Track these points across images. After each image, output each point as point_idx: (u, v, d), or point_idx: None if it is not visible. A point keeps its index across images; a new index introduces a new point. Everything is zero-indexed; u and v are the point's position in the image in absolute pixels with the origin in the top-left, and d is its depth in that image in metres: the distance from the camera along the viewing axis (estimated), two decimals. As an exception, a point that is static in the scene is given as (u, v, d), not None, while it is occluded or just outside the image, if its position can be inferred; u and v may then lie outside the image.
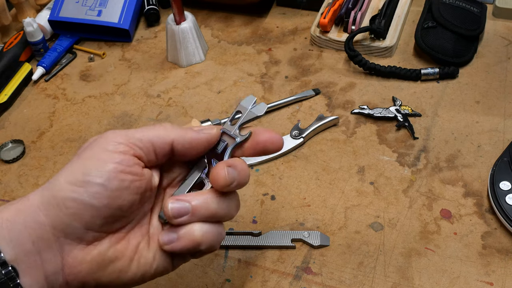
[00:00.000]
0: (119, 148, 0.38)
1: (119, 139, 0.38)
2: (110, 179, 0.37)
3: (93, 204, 0.36)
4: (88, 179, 0.36)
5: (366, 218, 0.57)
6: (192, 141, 0.41)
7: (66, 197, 0.36)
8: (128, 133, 0.39)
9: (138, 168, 0.38)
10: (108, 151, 0.38)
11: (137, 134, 0.39)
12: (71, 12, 0.83)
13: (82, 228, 0.37)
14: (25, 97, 0.77)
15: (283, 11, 0.87)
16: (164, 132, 0.40)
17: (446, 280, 0.51)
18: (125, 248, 0.39)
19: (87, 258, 0.38)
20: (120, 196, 0.37)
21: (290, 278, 0.52)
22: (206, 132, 0.41)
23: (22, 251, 0.36)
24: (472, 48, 0.74)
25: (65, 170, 0.38)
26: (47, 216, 0.36)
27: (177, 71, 0.78)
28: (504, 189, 0.56)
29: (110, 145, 0.38)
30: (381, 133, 0.66)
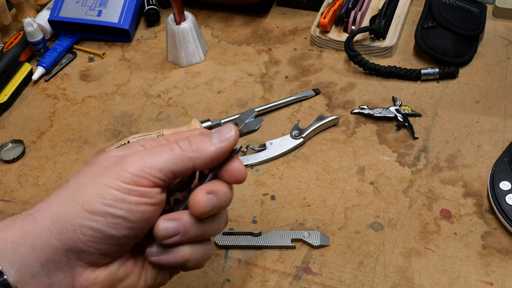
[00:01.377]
0: (138, 181, 0.36)
1: (136, 171, 0.36)
2: (132, 211, 0.36)
3: (112, 234, 0.36)
4: (109, 211, 0.35)
5: (366, 218, 0.57)
6: (213, 158, 0.38)
7: (84, 225, 0.35)
8: (147, 163, 0.37)
9: (158, 197, 0.37)
10: (128, 183, 0.36)
11: (156, 163, 0.37)
12: (71, 12, 0.83)
13: (98, 254, 0.36)
14: (25, 97, 0.77)
15: (283, 11, 0.87)
16: (184, 157, 0.37)
17: (446, 280, 0.51)
18: (133, 266, 0.39)
19: (99, 279, 0.37)
20: (140, 226, 0.37)
21: (290, 278, 0.52)
22: (227, 140, 0.39)
23: (29, 273, 0.35)
24: (472, 48, 0.74)
25: (80, 195, 0.36)
26: (60, 240, 0.35)
27: (177, 71, 0.78)
28: (504, 189, 0.56)
29: (128, 177, 0.36)
30: (381, 133, 0.66)
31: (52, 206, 0.36)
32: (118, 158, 0.37)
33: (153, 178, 0.36)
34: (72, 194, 0.36)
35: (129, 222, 0.36)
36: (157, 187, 0.37)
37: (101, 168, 0.37)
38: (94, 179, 0.37)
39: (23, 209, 0.62)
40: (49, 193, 0.63)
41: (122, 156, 0.37)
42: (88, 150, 0.68)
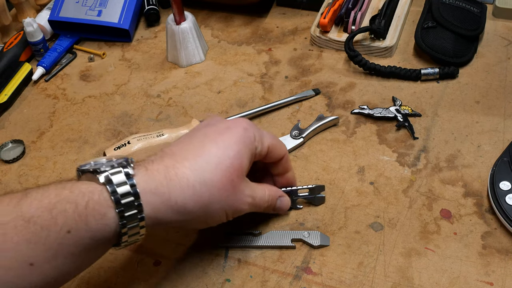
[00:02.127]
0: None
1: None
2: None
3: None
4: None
5: (366, 218, 0.57)
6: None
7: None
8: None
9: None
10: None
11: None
12: (71, 12, 0.83)
13: None
14: (25, 97, 0.77)
15: (283, 11, 0.87)
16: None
17: (446, 280, 0.51)
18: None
19: None
20: None
21: (290, 278, 0.52)
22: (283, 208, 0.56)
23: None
24: (472, 48, 0.74)
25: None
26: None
27: (177, 71, 0.78)
28: (504, 189, 0.56)
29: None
30: (381, 133, 0.66)
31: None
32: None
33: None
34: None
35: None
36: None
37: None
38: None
39: (23, 209, 0.62)
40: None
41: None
42: (88, 150, 0.68)
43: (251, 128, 0.48)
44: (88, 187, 0.40)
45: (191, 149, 0.45)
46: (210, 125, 0.49)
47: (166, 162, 0.44)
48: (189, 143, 0.46)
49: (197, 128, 0.50)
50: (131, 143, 0.62)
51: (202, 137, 0.47)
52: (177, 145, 0.47)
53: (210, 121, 0.50)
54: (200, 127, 0.49)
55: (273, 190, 0.53)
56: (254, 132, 0.48)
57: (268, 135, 0.51)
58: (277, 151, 0.52)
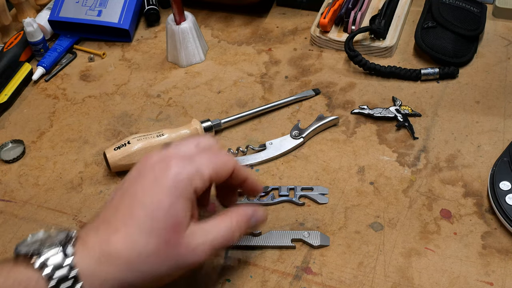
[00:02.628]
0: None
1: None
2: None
3: None
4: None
5: (366, 218, 0.57)
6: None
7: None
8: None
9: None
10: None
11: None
12: (71, 12, 0.83)
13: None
14: (25, 97, 0.77)
15: (283, 11, 0.87)
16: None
17: (446, 280, 0.51)
18: None
19: None
20: None
21: (290, 278, 0.52)
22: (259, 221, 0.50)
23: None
24: (472, 48, 0.74)
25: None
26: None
27: (177, 71, 0.78)
28: (504, 189, 0.56)
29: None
30: (381, 133, 0.66)
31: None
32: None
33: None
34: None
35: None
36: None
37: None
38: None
39: (23, 209, 0.62)
40: (49, 193, 0.63)
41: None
42: (88, 150, 0.68)
43: (183, 169, 0.43)
44: (26, 273, 0.38)
45: (120, 216, 0.42)
46: (141, 176, 0.44)
47: (100, 235, 0.41)
48: (119, 207, 0.43)
49: (128, 179, 0.45)
50: (131, 143, 0.62)
51: (131, 199, 0.43)
52: (108, 208, 0.44)
53: (142, 168, 0.45)
54: (132, 177, 0.45)
55: (240, 214, 0.48)
56: (187, 172, 0.43)
57: (206, 162, 0.45)
58: (223, 172, 0.46)
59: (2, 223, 0.60)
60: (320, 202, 0.59)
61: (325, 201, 0.59)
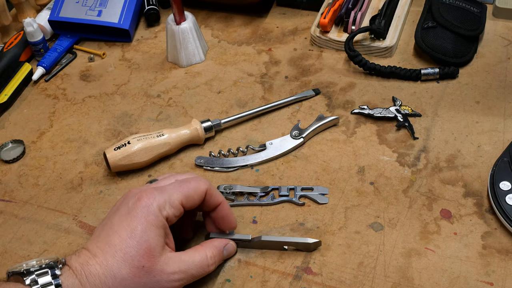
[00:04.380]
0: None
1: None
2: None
3: None
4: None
5: (366, 218, 0.57)
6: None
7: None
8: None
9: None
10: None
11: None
12: (71, 12, 0.83)
13: None
14: (25, 97, 0.77)
15: (283, 11, 0.87)
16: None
17: (446, 280, 0.51)
18: None
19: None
20: None
21: (290, 278, 0.52)
22: (227, 255, 0.54)
23: None
24: (472, 48, 0.74)
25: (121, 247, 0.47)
26: None
27: (177, 71, 0.78)
28: (504, 189, 0.56)
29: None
30: (381, 133, 0.66)
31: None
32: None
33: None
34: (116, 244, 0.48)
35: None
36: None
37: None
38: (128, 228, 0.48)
39: (23, 209, 0.62)
40: (49, 193, 0.63)
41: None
42: (88, 150, 0.68)
43: (154, 200, 0.48)
44: (16, 287, 0.43)
45: (99, 244, 0.47)
46: (118, 209, 0.49)
47: (82, 259, 0.46)
48: (99, 237, 0.48)
49: (110, 212, 0.51)
50: (131, 143, 0.62)
51: (109, 228, 0.48)
52: (91, 239, 0.48)
53: (121, 201, 0.50)
54: (112, 210, 0.50)
55: (214, 246, 0.52)
56: (157, 202, 0.48)
57: (176, 190, 0.50)
58: (195, 196, 0.50)
59: (2, 223, 0.60)
60: (320, 202, 0.59)
61: (325, 201, 0.59)
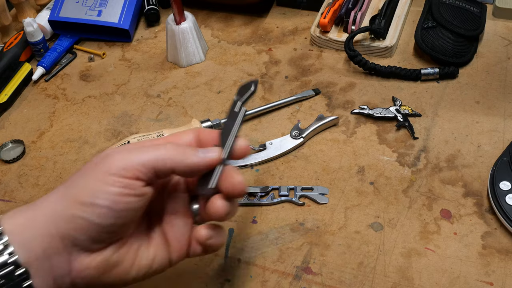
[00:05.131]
0: (123, 174, 0.40)
1: (122, 165, 0.40)
2: (116, 202, 0.39)
3: (99, 223, 0.39)
4: (96, 202, 0.39)
5: (366, 218, 0.57)
6: (193, 168, 0.42)
7: (76, 215, 0.39)
8: (132, 158, 0.41)
9: (141, 189, 0.41)
10: (113, 175, 0.40)
11: (140, 159, 0.41)
12: (71, 12, 0.83)
13: (89, 240, 0.40)
14: (25, 97, 0.77)
15: (283, 11, 0.87)
16: (167, 157, 0.41)
17: (446, 280, 0.51)
18: (126, 252, 0.43)
19: (93, 264, 0.41)
20: (125, 215, 0.40)
21: (290, 278, 0.53)
22: (209, 158, 0.42)
23: (33, 255, 0.39)
24: (472, 48, 0.74)
25: (73, 189, 0.40)
26: (57, 228, 0.39)
27: (177, 71, 0.78)
28: (504, 189, 0.56)
29: (114, 169, 0.40)
30: (381, 133, 0.66)
31: (52, 199, 0.41)
32: (108, 155, 0.41)
33: (136, 172, 0.40)
34: (68, 188, 0.41)
35: (114, 212, 0.40)
36: (140, 180, 0.40)
37: (93, 164, 0.41)
38: (85, 174, 0.41)
39: (23, 209, 0.62)
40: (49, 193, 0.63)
41: (111, 153, 0.41)
42: (88, 150, 0.68)
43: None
44: None
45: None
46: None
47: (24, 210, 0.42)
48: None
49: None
50: (131, 143, 0.62)
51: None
52: None
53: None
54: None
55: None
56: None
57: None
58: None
59: (2, 223, 0.60)
60: (320, 202, 0.59)
61: (325, 201, 0.59)
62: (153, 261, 0.44)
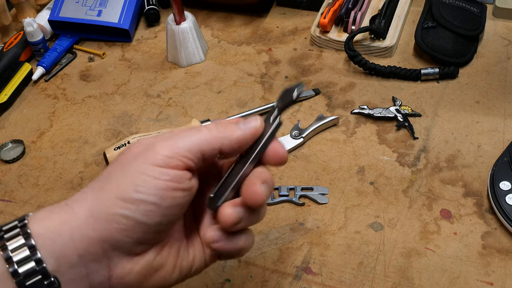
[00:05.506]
0: (170, 162, 0.36)
1: (168, 153, 0.36)
2: (163, 197, 0.36)
3: (145, 221, 0.36)
4: (141, 198, 0.35)
5: (366, 218, 0.57)
6: (240, 141, 0.39)
7: (118, 213, 0.35)
8: (177, 144, 0.37)
9: (187, 183, 0.37)
10: (159, 166, 0.36)
11: (185, 143, 0.37)
12: (71, 12, 0.83)
13: (133, 243, 0.36)
14: (25, 97, 0.77)
15: (283, 11, 0.87)
16: (211, 137, 0.38)
17: (446, 280, 0.51)
18: (169, 254, 0.39)
19: (135, 268, 0.37)
20: (171, 212, 0.37)
21: (290, 278, 0.52)
22: (252, 127, 0.39)
23: (67, 263, 0.35)
24: (472, 48, 0.74)
25: (113, 184, 0.36)
26: (96, 230, 0.35)
27: (177, 71, 0.78)
28: (504, 189, 0.56)
29: (159, 159, 0.36)
30: (381, 133, 0.66)
31: (88, 197, 0.36)
32: (148, 144, 0.37)
33: (184, 158, 0.37)
34: (106, 183, 0.36)
35: (161, 209, 0.36)
36: (188, 169, 0.37)
37: (132, 155, 0.37)
38: (125, 167, 0.37)
39: (23, 209, 0.62)
40: (49, 193, 0.63)
41: (152, 142, 0.37)
42: (88, 150, 0.68)
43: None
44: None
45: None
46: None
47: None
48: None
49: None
50: (131, 143, 0.62)
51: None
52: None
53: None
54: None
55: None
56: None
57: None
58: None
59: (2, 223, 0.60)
60: (320, 202, 0.59)
61: (325, 201, 0.59)
62: (194, 261, 0.40)
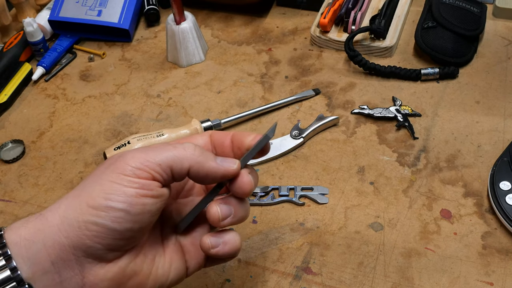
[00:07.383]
0: (139, 174, 0.37)
1: (137, 164, 0.38)
2: (132, 204, 0.37)
3: (115, 228, 0.36)
4: (110, 204, 0.36)
5: (366, 218, 0.57)
6: (209, 172, 0.40)
7: (89, 220, 0.36)
8: (148, 157, 0.38)
9: (158, 190, 0.38)
10: (127, 175, 0.37)
11: (156, 157, 0.38)
12: (71, 12, 0.83)
13: (104, 249, 0.37)
14: (25, 97, 0.77)
15: (283, 11, 0.87)
16: (184, 156, 0.39)
17: (446, 280, 0.51)
18: (143, 262, 0.40)
19: (108, 275, 0.38)
20: (141, 219, 0.38)
21: (290, 278, 0.52)
22: (226, 166, 0.40)
23: (40, 269, 0.36)
24: (472, 48, 0.74)
25: (85, 193, 0.37)
26: (68, 238, 0.36)
27: (177, 71, 0.78)
28: (504, 189, 0.56)
29: (129, 170, 0.37)
30: (381, 133, 0.66)
31: (61, 206, 0.38)
32: (121, 156, 0.39)
33: (152, 171, 0.38)
34: (79, 193, 0.38)
35: (131, 215, 0.37)
36: (157, 180, 0.38)
37: (105, 167, 0.38)
38: (98, 177, 0.38)
39: (23, 209, 0.62)
40: (49, 193, 0.63)
41: (125, 154, 0.39)
42: (88, 150, 0.68)
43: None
44: None
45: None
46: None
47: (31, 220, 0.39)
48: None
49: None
50: (131, 143, 0.62)
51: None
52: None
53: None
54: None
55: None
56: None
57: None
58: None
59: (2, 223, 0.60)
60: (320, 202, 0.59)
61: (325, 201, 0.59)
62: (170, 270, 0.41)
